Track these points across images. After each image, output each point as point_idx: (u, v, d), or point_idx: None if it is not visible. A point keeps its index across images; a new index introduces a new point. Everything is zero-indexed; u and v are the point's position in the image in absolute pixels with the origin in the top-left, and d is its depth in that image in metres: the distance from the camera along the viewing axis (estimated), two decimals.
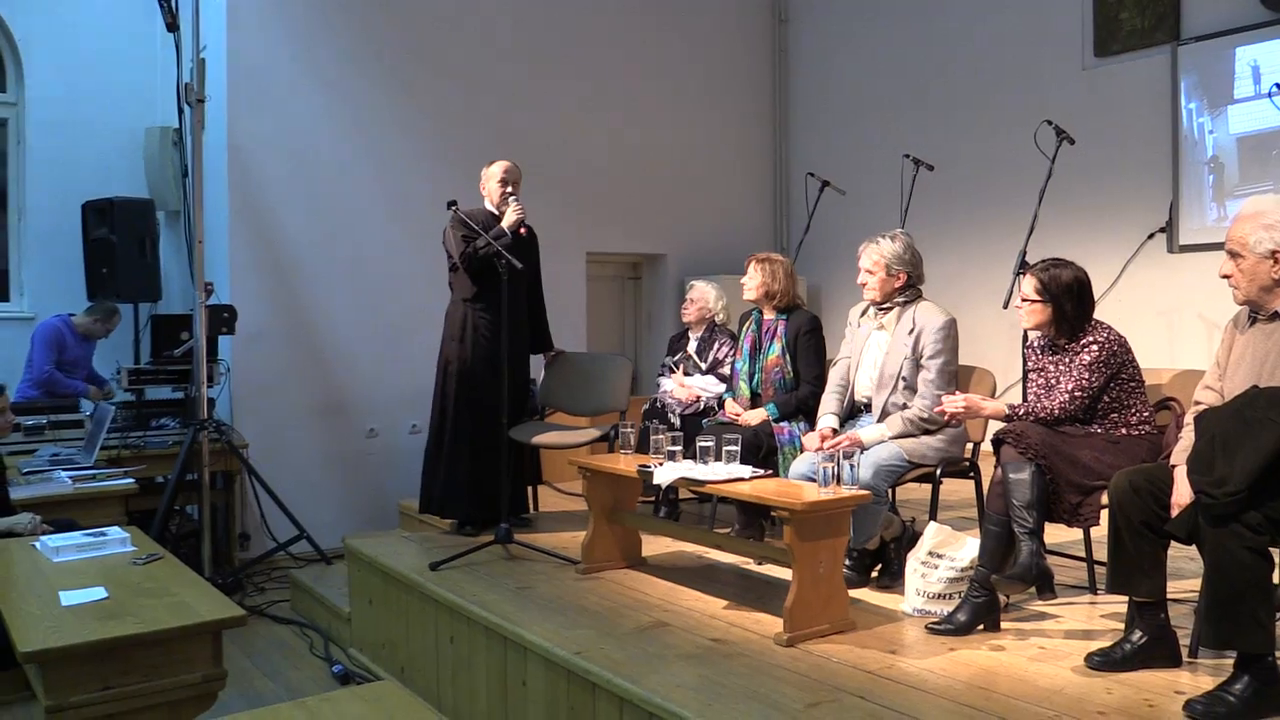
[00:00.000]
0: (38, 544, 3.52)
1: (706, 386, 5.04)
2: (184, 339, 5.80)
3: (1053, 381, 3.51)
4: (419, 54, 6.77)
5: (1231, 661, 2.68)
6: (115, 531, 3.64)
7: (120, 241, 6.15)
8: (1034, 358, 3.64)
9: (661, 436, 3.96)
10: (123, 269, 6.16)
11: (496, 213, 4.88)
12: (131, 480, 4.59)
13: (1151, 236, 6.23)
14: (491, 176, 4.93)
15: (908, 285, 3.99)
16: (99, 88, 6.72)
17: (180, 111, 5.57)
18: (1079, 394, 3.40)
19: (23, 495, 4.20)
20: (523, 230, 4.88)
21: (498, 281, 4.48)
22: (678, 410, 5.06)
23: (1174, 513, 2.80)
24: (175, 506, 5.45)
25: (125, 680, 2.66)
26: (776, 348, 4.55)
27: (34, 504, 4.12)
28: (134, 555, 3.43)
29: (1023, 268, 4.87)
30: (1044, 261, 3.58)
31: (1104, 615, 3.49)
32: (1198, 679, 2.86)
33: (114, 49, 6.78)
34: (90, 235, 6.31)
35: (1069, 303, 3.48)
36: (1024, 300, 3.56)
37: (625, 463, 4.04)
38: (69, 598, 2.92)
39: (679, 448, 3.90)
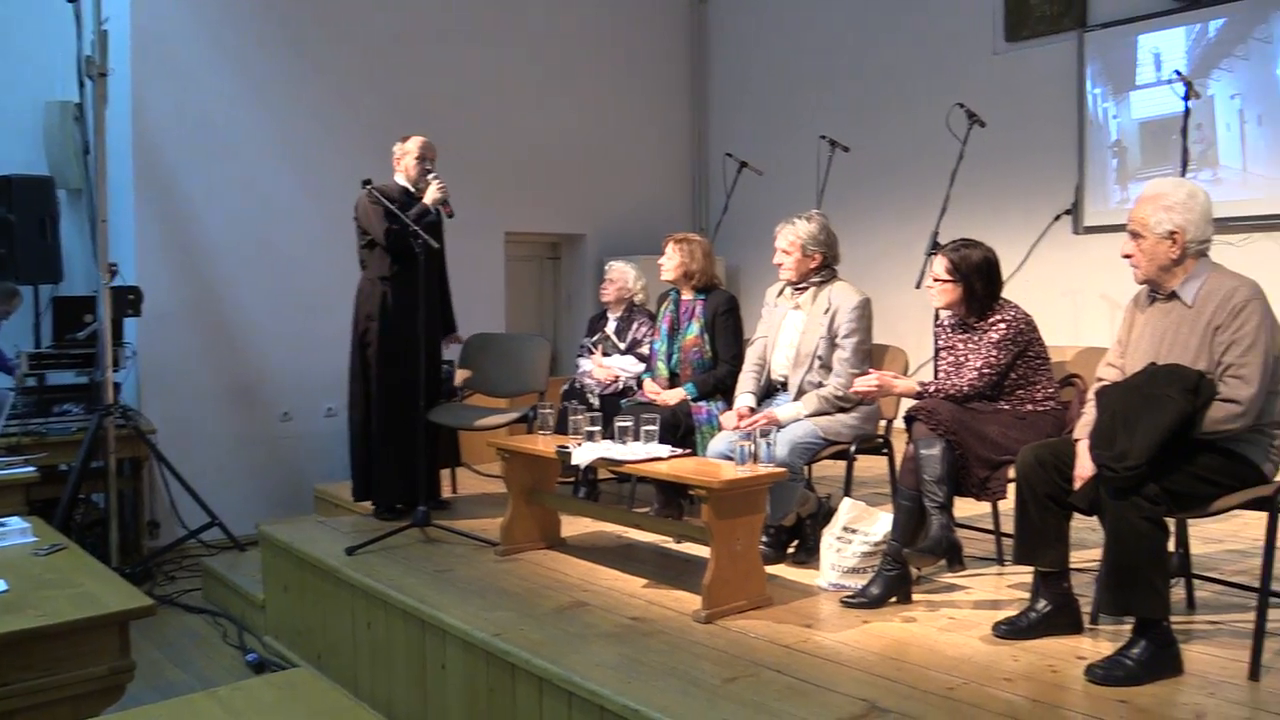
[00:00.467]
0: None
1: (625, 367, 5.05)
2: (87, 321, 5.60)
3: (962, 359, 3.59)
4: (329, 28, 6.62)
5: (1130, 627, 2.78)
6: (15, 521, 3.51)
7: (19, 221, 5.90)
8: (944, 336, 3.72)
9: (580, 417, 3.96)
10: (22, 249, 5.91)
11: (412, 189, 4.80)
12: (33, 468, 4.41)
13: (1058, 218, 6.41)
14: (409, 153, 4.84)
15: (823, 266, 4.04)
16: None
17: (81, 85, 5.36)
18: (987, 371, 3.49)
19: None
20: (446, 209, 4.78)
21: (413, 260, 4.42)
22: (596, 391, 5.06)
23: (1077, 485, 2.89)
24: (80, 495, 5.29)
25: (25, 675, 2.57)
26: (695, 328, 4.58)
27: None
28: (35, 546, 3.31)
29: (935, 248, 4.98)
30: (955, 242, 3.66)
31: (1010, 585, 3.59)
32: (1098, 644, 2.97)
33: (10, 19, 6.49)
34: None
35: (979, 282, 3.56)
36: (935, 280, 3.63)
37: (544, 444, 4.04)
38: None
39: (598, 428, 3.90)
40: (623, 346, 5.15)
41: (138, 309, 5.65)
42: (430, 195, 4.69)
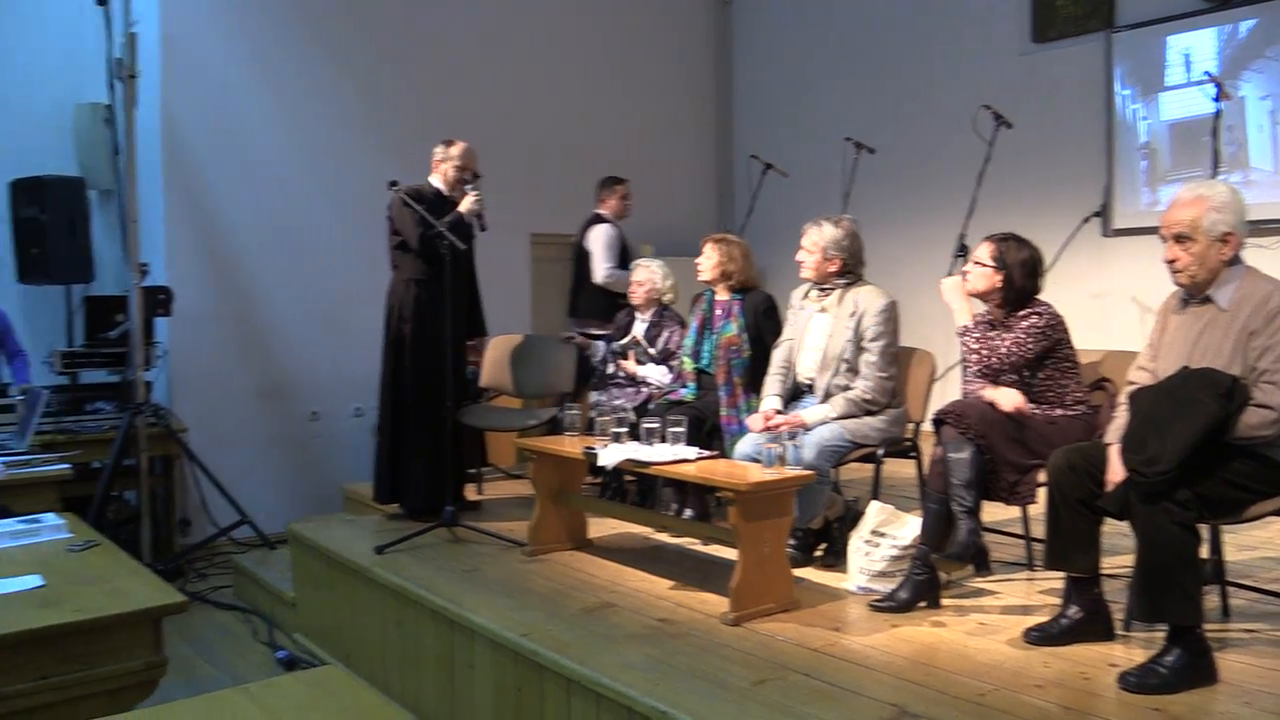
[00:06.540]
0: None
1: (656, 377, 4.97)
2: (118, 321, 5.66)
3: (992, 344, 3.55)
4: (356, 29, 6.67)
5: (1163, 634, 2.76)
6: (50, 518, 3.56)
7: (51, 221, 5.97)
8: (970, 344, 3.63)
9: (607, 418, 3.96)
10: (54, 249, 5.98)
11: (445, 192, 4.81)
12: (67, 466, 4.48)
13: (1087, 220, 6.35)
14: (451, 159, 4.83)
15: (843, 271, 4.02)
16: (26, 62, 6.50)
17: (111, 87, 5.42)
18: (1015, 349, 3.46)
19: None
20: (481, 221, 4.80)
21: (442, 262, 4.44)
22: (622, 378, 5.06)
23: (1108, 490, 2.87)
24: (113, 492, 5.35)
25: (63, 669, 2.61)
26: (733, 327, 4.53)
27: None
28: (70, 542, 3.36)
29: (962, 250, 4.95)
30: (1004, 233, 3.62)
31: (1041, 591, 3.57)
32: (1131, 652, 2.95)
33: (42, 22, 6.57)
34: (19, 215, 6.13)
35: (1019, 274, 3.53)
36: (976, 263, 3.59)
37: (570, 445, 4.05)
38: (2, 586, 2.86)
39: (624, 429, 3.91)
40: (654, 352, 5.06)
41: (168, 308, 5.71)
42: (465, 205, 4.70)
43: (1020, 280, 3.54)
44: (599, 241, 6.03)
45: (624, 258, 5.96)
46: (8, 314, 6.08)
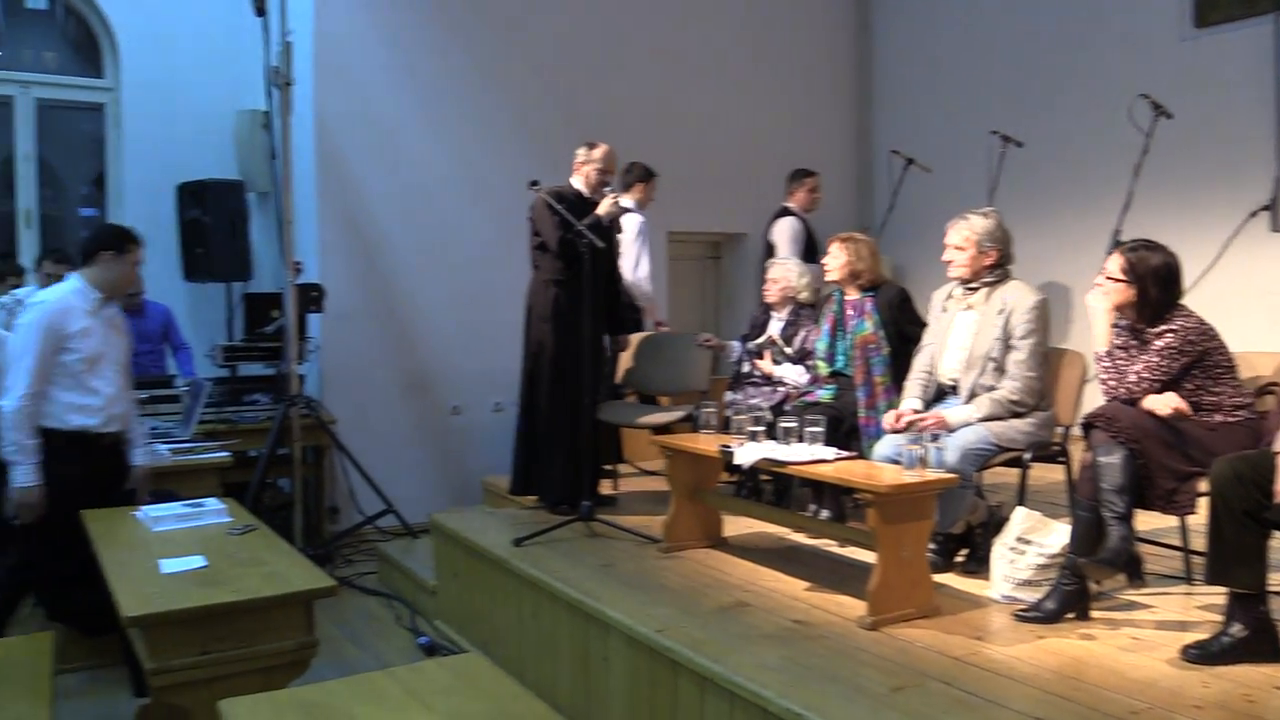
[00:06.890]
0: (138, 514, 3.65)
1: (793, 377, 4.91)
2: (274, 317, 5.94)
3: (1122, 365, 3.40)
4: (499, 35, 6.81)
5: None
6: (212, 503, 3.76)
7: (213, 222, 6.30)
8: (1101, 369, 3.49)
9: (743, 416, 3.94)
10: (216, 248, 6.31)
11: (587, 194, 4.88)
12: (227, 453, 4.73)
13: (1254, 215, 5.99)
14: (593, 162, 4.91)
15: (998, 264, 3.89)
16: (191, 72, 6.87)
17: (268, 95, 5.68)
18: (1146, 375, 3.30)
19: None
20: (616, 225, 4.85)
21: (581, 263, 4.50)
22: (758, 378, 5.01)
23: (1278, 502, 2.71)
24: (268, 479, 5.61)
25: (223, 646, 2.76)
26: (868, 325, 4.44)
27: None
28: (230, 526, 3.54)
29: (1117, 246, 4.72)
30: (1135, 241, 3.47)
31: (1200, 606, 3.39)
32: None
33: (205, 33, 6.92)
34: (185, 216, 6.49)
35: (1154, 287, 3.36)
36: (1108, 278, 3.45)
37: (706, 442, 4.04)
38: (169, 565, 3.04)
39: (761, 428, 3.88)
40: (791, 352, 4.99)
41: (320, 305, 5.95)
42: (603, 208, 4.75)
43: (1156, 293, 3.35)
44: (783, 234, 6.16)
45: (809, 250, 5.99)
46: (173, 310, 6.45)
